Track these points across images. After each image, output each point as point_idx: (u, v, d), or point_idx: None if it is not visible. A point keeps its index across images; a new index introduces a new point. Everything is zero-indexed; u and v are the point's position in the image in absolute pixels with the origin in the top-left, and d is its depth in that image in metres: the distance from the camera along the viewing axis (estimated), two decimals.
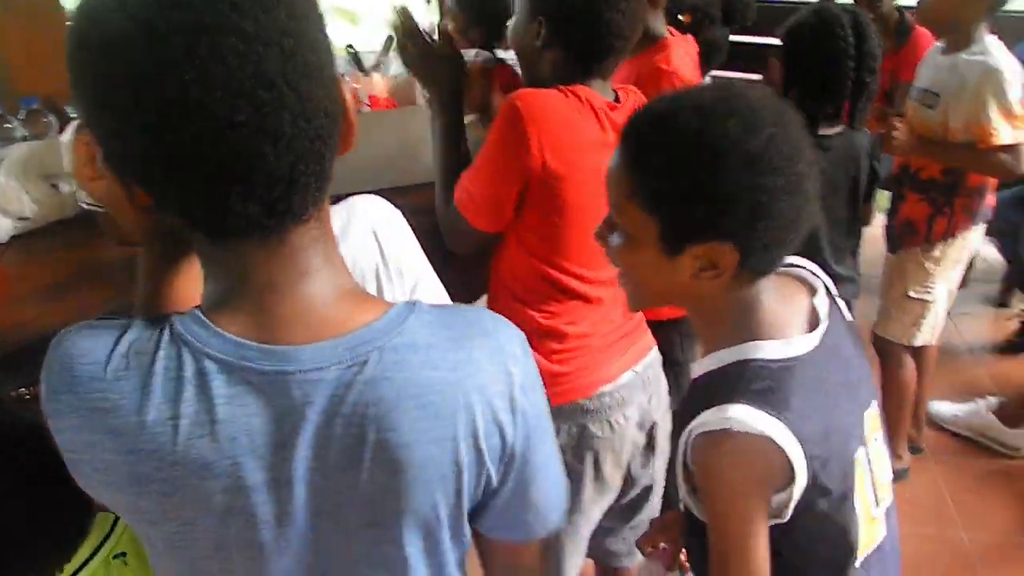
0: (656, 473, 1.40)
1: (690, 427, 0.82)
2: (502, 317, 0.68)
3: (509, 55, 1.96)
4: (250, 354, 0.58)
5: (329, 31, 0.60)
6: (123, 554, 0.94)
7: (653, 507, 1.44)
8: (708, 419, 0.80)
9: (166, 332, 0.59)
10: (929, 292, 2.10)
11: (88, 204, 1.62)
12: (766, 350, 0.81)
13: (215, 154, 0.53)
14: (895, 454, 2.20)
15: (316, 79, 0.56)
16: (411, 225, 1.14)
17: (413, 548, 0.65)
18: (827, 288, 0.91)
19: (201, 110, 0.52)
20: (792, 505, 0.82)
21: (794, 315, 0.86)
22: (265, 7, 0.53)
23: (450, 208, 1.25)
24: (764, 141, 0.74)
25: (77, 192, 1.67)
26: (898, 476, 2.12)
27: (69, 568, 0.89)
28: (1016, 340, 2.87)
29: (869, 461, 0.89)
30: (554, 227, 1.22)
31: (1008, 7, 1.89)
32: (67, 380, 0.59)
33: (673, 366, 1.46)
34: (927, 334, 2.17)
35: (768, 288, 0.84)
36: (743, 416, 0.78)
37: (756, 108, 0.76)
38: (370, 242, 1.05)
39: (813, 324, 0.86)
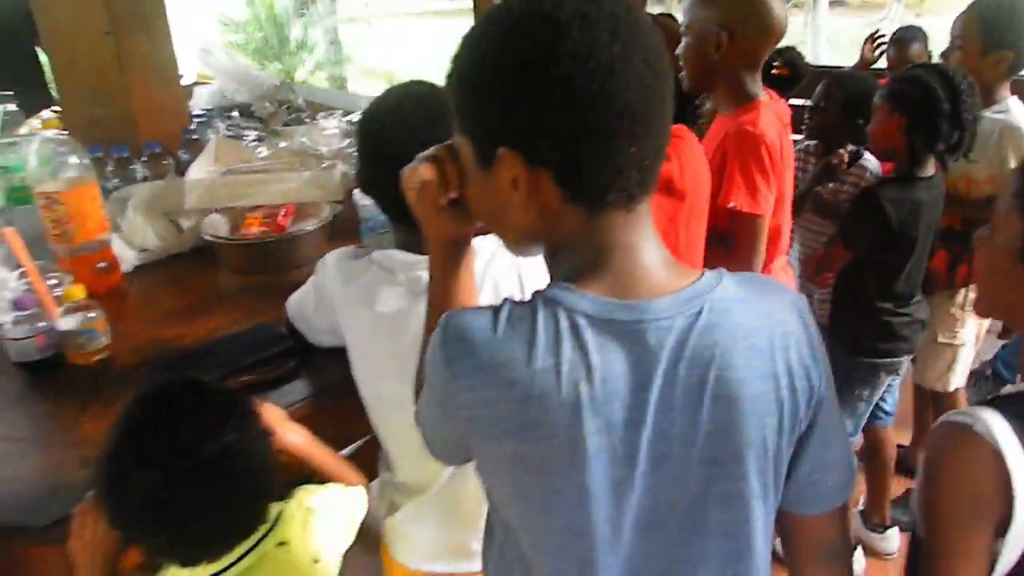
0: None
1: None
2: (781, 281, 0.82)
3: None
4: (613, 309, 0.70)
5: None
6: (284, 543, 1.05)
7: None
8: (961, 411, 0.83)
9: (539, 300, 0.72)
10: (956, 336, 2.24)
11: (211, 236, 1.82)
12: None
13: (630, 114, 0.68)
14: None
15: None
16: None
17: (751, 484, 0.74)
18: None
19: (628, 75, 0.67)
20: (1003, 561, 0.77)
21: None
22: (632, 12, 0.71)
23: None
24: None
25: (206, 222, 1.86)
26: None
27: (239, 550, 0.99)
28: None
29: None
30: None
31: None
32: (465, 347, 0.71)
33: None
34: (960, 377, 2.30)
35: None
36: (991, 421, 0.78)
37: None
38: (512, 266, 1.21)
39: None
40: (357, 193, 1.65)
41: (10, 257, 1.71)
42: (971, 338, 2.26)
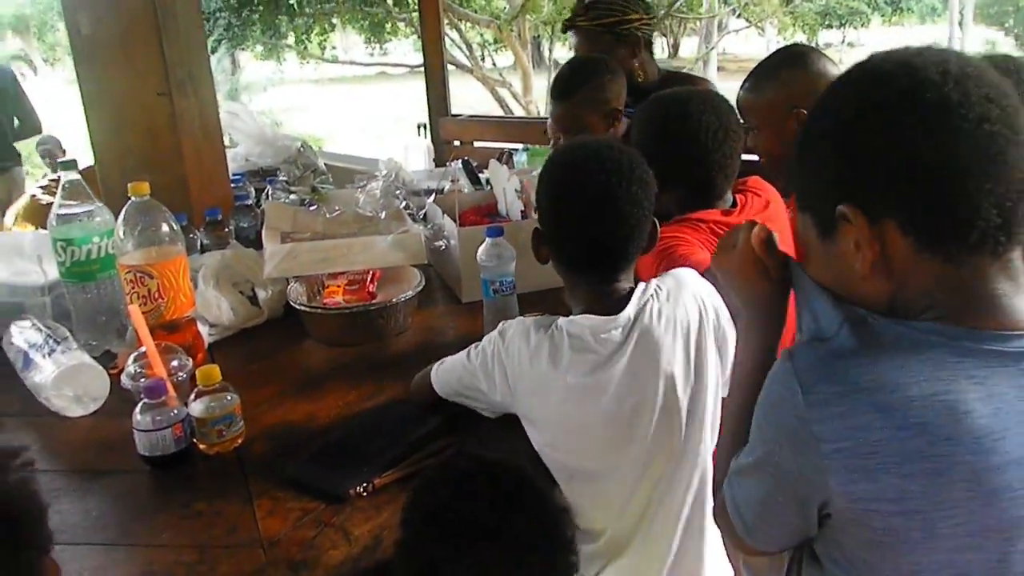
0: None
1: None
2: None
3: None
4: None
5: None
6: None
7: None
8: None
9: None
10: None
11: (306, 307, 1.69)
12: None
13: (981, 150, 0.68)
14: None
15: None
16: None
17: None
18: None
19: (971, 118, 0.68)
20: None
21: None
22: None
23: None
24: None
25: (289, 292, 1.73)
26: None
27: None
28: None
29: None
30: None
31: None
32: (824, 372, 0.70)
33: None
34: None
35: None
36: None
37: None
38: (693, 305, 1.20)
39: None
40: (482, 255, 1.57)
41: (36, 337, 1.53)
42: None
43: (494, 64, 12.41)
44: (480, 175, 2.52)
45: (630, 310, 1.16)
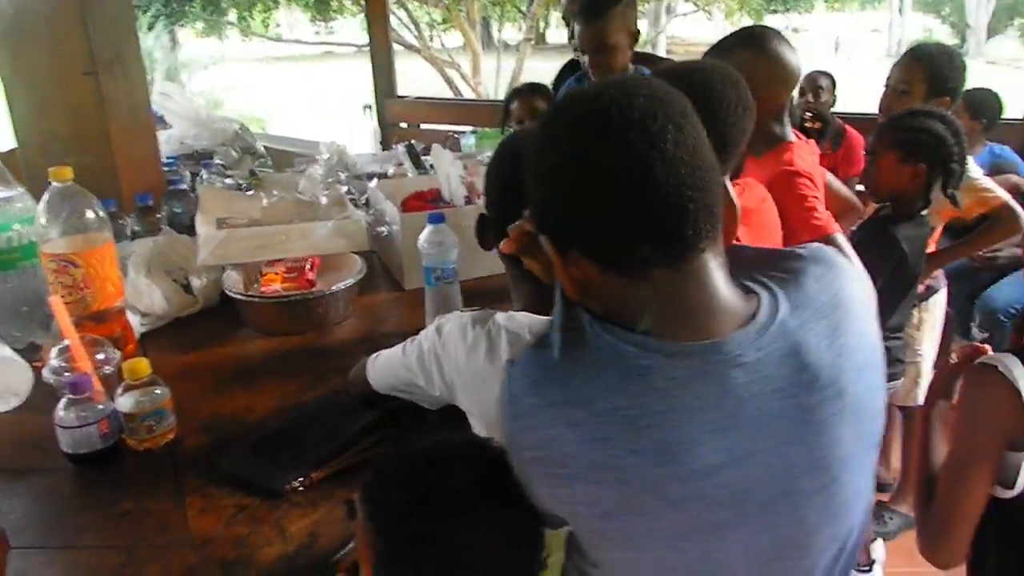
0: None
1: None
2: None
3: None
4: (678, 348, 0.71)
5: None
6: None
7: None
8: (991, 355, 1.09)
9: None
10: (918, 354, 2.42)
11: (242, 295, 1.64)
12: None
13: (624, 188, 0.70)
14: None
15: None
16: None
17: None
18: None
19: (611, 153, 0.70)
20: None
21: None
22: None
23: None
24: None
25: (225, 280, 1.68)
26: None
27: None
28: None
29: None
30: None
31: None
32: (527, 384, 0.74)
33: None
34: (924, 390, 2.49)
35: None
36: (1011, 364, 1.06)
37: None
38: None
39: None
40: (423, 242, 1.55)
41: None
42: (930, 353, 2.46)
43: (443, 45, 12.25)
44: (425, 159, 2.48)
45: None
